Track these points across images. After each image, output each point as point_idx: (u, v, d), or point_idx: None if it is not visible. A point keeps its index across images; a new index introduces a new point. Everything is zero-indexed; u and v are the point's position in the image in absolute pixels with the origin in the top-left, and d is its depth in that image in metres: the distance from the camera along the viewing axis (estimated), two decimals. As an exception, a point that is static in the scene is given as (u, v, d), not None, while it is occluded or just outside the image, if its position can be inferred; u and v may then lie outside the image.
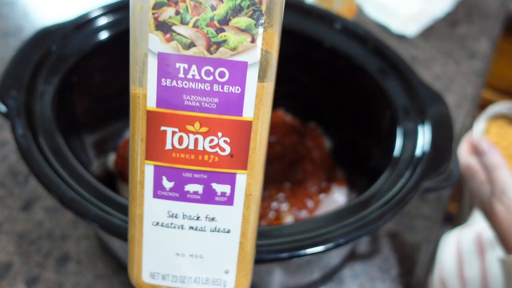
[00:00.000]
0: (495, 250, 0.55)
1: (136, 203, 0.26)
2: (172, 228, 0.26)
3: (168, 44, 0.23)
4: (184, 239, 0.26)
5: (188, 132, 0.24)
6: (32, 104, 0.39)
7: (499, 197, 0.44)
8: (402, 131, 0.42)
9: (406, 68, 0.46)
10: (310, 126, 0.56)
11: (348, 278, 0.49)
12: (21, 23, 0.74)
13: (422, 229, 0.55)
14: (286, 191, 0.50)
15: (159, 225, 0.26)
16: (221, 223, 0.26)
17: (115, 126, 0.55)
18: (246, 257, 0.27)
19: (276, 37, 0.23)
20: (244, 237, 0.26)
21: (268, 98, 0.24)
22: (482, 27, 0.84)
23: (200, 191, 0.25)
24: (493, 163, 0.45)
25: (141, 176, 0.25)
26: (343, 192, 0.52)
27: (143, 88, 0.23)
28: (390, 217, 0.35)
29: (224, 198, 0.25)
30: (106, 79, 0.50)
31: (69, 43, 0.44)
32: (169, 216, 0.26)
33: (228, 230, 0.26)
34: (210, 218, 0.26)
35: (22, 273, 0.47)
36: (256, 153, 0.25)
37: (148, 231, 0.26)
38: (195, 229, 0.26)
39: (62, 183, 0.34)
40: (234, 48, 0.23)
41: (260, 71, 0.23)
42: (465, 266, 0.57)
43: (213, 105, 0.23)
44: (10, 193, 0.52)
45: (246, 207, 0.26)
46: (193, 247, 0.26)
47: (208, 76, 0.23)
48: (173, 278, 0.27)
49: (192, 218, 0.26)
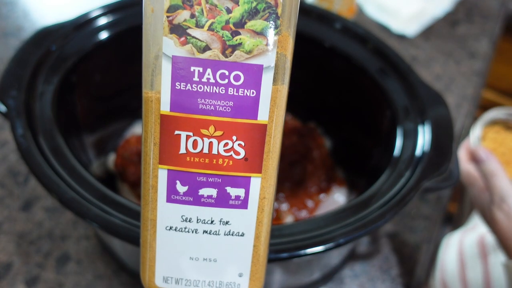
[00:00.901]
0: (498, 254, 0.55)
1: (148, 208, 0.25)
2: (186, 232, 0.26)
3: (183, 47, 0.22)
4: (198, 243, 0.26)
5: (203, 136, 0.24)
6: (32, 104, 0.39)
7: (499, 204, 0.44)
8: (402, 131, 0.42)
9: (406, 68, 0.46)
10: (310, 126, 0.56)
11: (348, 278, 0.49)
12: (21, 23, 0.74)
13: (422, 229, 0.55)
14: (286, 191, 0.50)
15: (173, 230, 0.26)
16: (235, 226, 0.26)
17: (115, 126, 0.55)
18: (260, 260, 0.27)
19: (291, 40, 0.23)
20: (258, 240, 0.26)
21: (282, 101, 0.24)
22: (482, 27, 0.84)
23: (214, 195, 0.25)
24: (491, 170, 0.46)
25: (154, 181, 0.25)
26: (343, 192, 0.52)
27: (156, 91, 0.23)
28: (390, 217, 0.35)
29: (238, 201, 0.25)
30: (106, 79, 0.50)
31: (69, 43, 0.44)
32: (182, 221, 0.26)
33: (242, 233, 0.26)
34: (224, 221, 0.26)
35: (22, 273, 0.47)
36: (270, 156, 0.25)
37: (161, 235, 0.26)
38: (209, 233, 0.26)
39: (62, 183, 0.34)
40: (250, 51, 0.22)
41: (275, 74, 0.23)
42: (467, 269, 0.57)
43: (227, 109, 0.23)
44: (10, 193, 0.52)
45: (260, 210, 0.26)
46: (207, 251, 0.26)
47: (223, 79, 0.23)
48: (186, 282, 0.27)
49: (206, 222, 0.26)
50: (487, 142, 0.54)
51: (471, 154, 0.49)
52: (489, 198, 0.46)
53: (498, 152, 0.53)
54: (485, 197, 0.47)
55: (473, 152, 0.48)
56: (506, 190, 0.44)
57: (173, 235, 0.26)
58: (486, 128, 0.55)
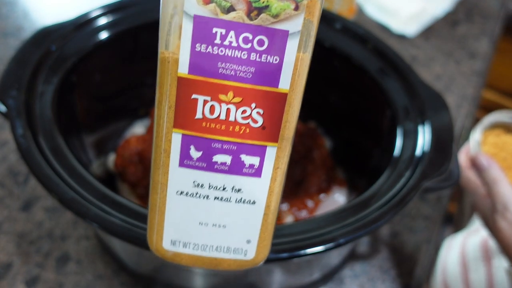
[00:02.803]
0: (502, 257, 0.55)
1: (159, 172, 0.25)
2: (197, 198, 0.25)
3: (206, 6, 0.21)
4: (208, 209, 0.26)
5: (221, 102, 0.23)
6: (32, 104, 0.39)
7: (502, 213, 0.43)
8: (402, 131, 0.42)
9: (406, 68, 0.46)
10: (310, 126, 0.56)
11: (348, 278, 0.49)
12: (21, 23, 0.74)
13: (422, 229, 0.55)
14: (286, 191, 0.50)
15: (183, 194, 0.25)
16: (247, 194, 0.26)
17: (115, 126, 0.55)
18: (268, 228, 0.27)
19: (319, 5, 0.22)
20: (268, 209, 0.26)
21: (304, 70, 0.23)
22: (482, 27, 0.84)
23: (228, 162, 0.24)
24: (493, 178, 0.45)
25: (167, 145, 0.24)
26: (343, 192, 0.52)
27: (174, 52, 0.22)
28: (390, 217, 0.35)
29: (252, 170, 0.25)
30: (106, 79, 0.50)
31: (69, 43, 0.44)
32: (194, 186, 0.25)
33: (254, 201, 0.26)
34: (237, 189, 0.25)
35: (22, 273, 0.47)
36: (288, 126, 0.24)
37: (171, 200, 0.25)
38: (221, 200, 0.26)
39: (62, 183, 0.34)
40: (276, 15, 0.21)
41: (300, 42, 0.22)
42: (470, 272, 0.57)
43: (248, 75, 0.22)
44: (10, 193, 0.52)
45: (273, 180, 0.25)
46: (217, 217, 0.26)
47: (246, 43, 0.22)
48: (194, 246, 0.27)
49: (218, 188, 0.25)
50: (487, 146, 0.53)
51: (471, 161, 0.48)
52: (491, 206, 0.45)
53: (499, 157, 0.52)
54: (487, 204, 0.46)
55: (473, 159, 0.47)
56: (508, 198, 0.43)
57: (183, 200, 0.25)
58: (486, 132, 0.54)
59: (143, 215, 0.33)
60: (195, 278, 0.42)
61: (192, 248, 0.27)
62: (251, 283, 0.43)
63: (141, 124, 0.57)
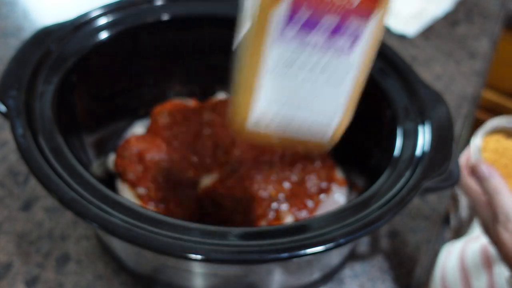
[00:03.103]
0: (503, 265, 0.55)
1: (251, 51, 0.25)
2: (287, 76, 0.25)
3: None
4: (296, 89, 0.26)
5: None
6: (32, 104, 0.39)
7: (504, 224, 0.43)
8: (402, 131, 0.42)
9: (406, 68, 0.46)
10: (310, 126, 0.56)
11: (348, 278, 0.49)
12: (21, 23, 0.74)
13: (422, 229, 0.55)
14: (286, 191, 0.50)
15: (274, 73, 0.25)
16: (335, 75, 0.26)
17: (115, 126, 0.55)
18: (349, 109, 0.28)
19: None
20: (354, 91, 0.27)
21: None
22: (482, 27, 0.84)
23: (322, 41, 0.24)
24: (494, 187, 0.44)
25: (263, 20, 0.24)
26: (343, 192, 0.52)
27: None
28: (390, 217, 0.35)
29: (343, 49, 0.25)
30: (106, 79, 0.50)
31: (69, 43, 0.44)
32: (285, 66, 0.25)
33: (340, 83, 0.26)
34: (327, 68, 0.25)
35: (22, 273, 0.47)
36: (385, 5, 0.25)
37: (263, 78, 0.25)
38: (309, 80, 0.26)
39: (62, 183, 0.34)
40: None
41: None
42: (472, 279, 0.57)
43: None
44: (10, 193, 0.52)
45: (364, 65, 0.26)
46: (303, 98, 0.26)
47: None
48: (277, 125, 0.27)
49: (309, 68, 0.25)
50: (488, 153, 0.53)
51: (472, 169, 0.47)
52: (492, 215, 0.44)
53: (500, 164, 0.52)
54: (487, 212, 0.46)
55: (474, 168, 0.46)
56: (510, 208, 0.43)
57: (274, 78, 0.25)
58: (486, 137, 0.54)
59: (143, 215, 0.33)
60: (195, 278, 0.42)
61: (274, 127, 0.27)
62: (251, 283, 0.43)
63: (141, 124, 0.57)
